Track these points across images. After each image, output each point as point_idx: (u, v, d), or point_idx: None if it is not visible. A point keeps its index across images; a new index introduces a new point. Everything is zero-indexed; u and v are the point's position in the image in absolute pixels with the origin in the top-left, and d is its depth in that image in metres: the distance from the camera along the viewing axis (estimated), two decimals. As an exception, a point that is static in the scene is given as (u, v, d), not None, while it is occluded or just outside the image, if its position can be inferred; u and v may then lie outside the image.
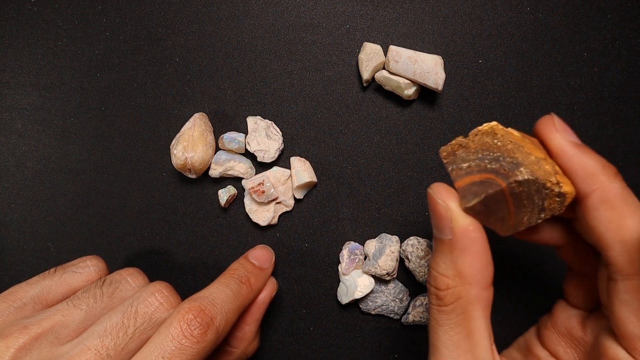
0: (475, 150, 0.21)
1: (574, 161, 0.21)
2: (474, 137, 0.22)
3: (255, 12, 0.34)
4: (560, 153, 0.21)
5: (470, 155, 0.21)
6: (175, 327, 0.23)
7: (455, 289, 0.21)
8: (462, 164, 0.21)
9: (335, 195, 0.34)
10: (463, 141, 0.22)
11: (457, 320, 0.21)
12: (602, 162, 0.21)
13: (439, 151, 0.22)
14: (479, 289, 0.21)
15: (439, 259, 0.21)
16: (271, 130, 0.33)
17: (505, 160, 0.20)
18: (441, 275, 0.21)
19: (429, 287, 0.22)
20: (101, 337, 0.23)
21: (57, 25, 0.35)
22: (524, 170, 0.20)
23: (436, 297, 0.21)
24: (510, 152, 0.20)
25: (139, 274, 0.27)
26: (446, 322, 0.21)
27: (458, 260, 0.21)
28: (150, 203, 0.35)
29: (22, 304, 0.25)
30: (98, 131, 0.35)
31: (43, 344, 0.23)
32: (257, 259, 0.30)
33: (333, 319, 0.34)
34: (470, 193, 0.21)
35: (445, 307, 0.21)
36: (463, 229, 0.21)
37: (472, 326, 0.21)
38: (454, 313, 0.21)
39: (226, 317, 0.25)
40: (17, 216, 0.35)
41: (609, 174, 0.20)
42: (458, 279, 0.21)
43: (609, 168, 0.21)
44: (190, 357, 0.23)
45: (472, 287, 0.21)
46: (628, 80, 0.33)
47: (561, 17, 0.33)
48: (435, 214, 0.22)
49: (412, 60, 0.31)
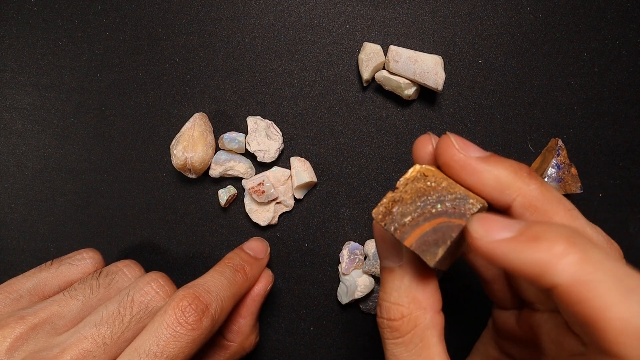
0: (412, 201, 0.20)
1: (485, 176, 0.19)
2: (404, 187, 0.20)
3: (255, 12, 0.34)
4: (470, 172, 0.20)
5: (408, 207, 0.20)
6: (170, 314, 0.23)
7: (411, 316, 0.20)
8: (403, 220, 0.20)
9: (335, 195, 0.34)
10: (395, 195, 0.20)
11: (416, 350, 0.20)
12: (513, 168, 0.20)
13: (373, 215, 0.21)
14: (433, 313, 0.20)
15: (390, 289, 0.21)
16: (271, 130, 0.33)
17: (448, 198, 0.19)
18: (394, 305, 0.20)
19: (381, 321, 0.21)
20: (97, 326, 0.23)
21: (57, 25, 0.35)
22: (475, 202, 0.19)
23: (391, 329, 0.21)
24: (448, 190, 0.20)
25: (135, 265, 0.27)
26: (405, 356, 0.20)
27: (411, 285, 0.20)
28: (150, 203, 0.35)
29: (18, 295, 0.25)
30: (98, 131, 0.35)
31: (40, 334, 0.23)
32: (252, 250, 0.31)
33: (333, 319, 0.34)
34: (429, 245, 0.19)
35: (402, 338, 0.20)
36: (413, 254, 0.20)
37: (432, 353, 0.20)
38: (412, 343, 0.20)
39: (221, 304, 0.25)
40: (17, 216, 0.35)
41: (523, 178, 0.19)
42: (413, 305, 0.20)
43: (522, 171, 0.20)
44: (185, 344, 0.23)
45: (427, 312, 0.20)
46: (628, 80, 0.33)
47: (561, 17, 0.33)
48: (383, 242, 0.21)
49: (412, 60, 0.31)
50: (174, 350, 0.22)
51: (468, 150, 0.20)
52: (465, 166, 0.20)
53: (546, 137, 0.33)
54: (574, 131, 0.33)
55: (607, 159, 0.33)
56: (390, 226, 0.20)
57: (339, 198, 0.34)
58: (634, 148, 0.33)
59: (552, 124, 0.33)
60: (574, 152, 0.33)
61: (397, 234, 0.20)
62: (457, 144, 0.20)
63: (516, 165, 0.20)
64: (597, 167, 0.33)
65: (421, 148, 0.21)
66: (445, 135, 0.20)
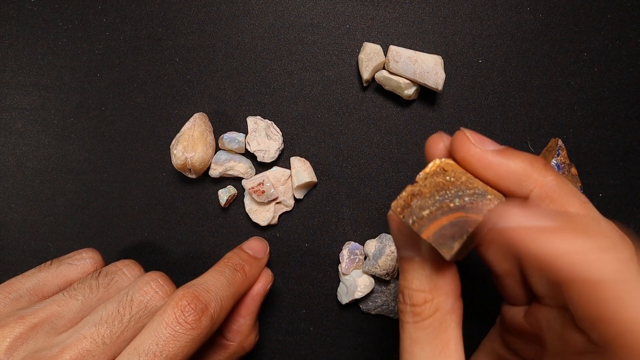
0: (431, 194, 0.20)
1: (502, 169, 0.20)
2: (423, 181, 0.21)
3: (255, 12, 0.34)
4: (487, 165, 0.20)
5: (427, 201, 0.20)
6: (169, 314, 0.23)
7: (434, 301, 0.21)
8: (421, 213, 0.20)
9: (335, 195, 0.34)
10: (414, 189, 0.21)
11: (435, 333, 0.21)
12: (529, 160, 0.20)
13: (392, 208, 0.21)
14: (454, 298, 0.21)
15: (411, 277, 0.21)
16: (271, 130, 0.33)
17: (467, 193, 0.20)
18: (417, 292, 0.21)
19: (404, 307, 0.22)
20: (97, 326, 0.23)
21: (57, 25, 0.35)
22: (492, 197, 0.19)
23: (413, 314, 0.21)
24: (467, 184, 0.20)
25: (135, 265, 0.27)
26: (423, 338, 0.21)
27: (432, 273, 0.21)
28: (150, 203, 0.35)
29: (18, 295, 0.25)
30: (98, 131, 0.35)
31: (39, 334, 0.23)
32: (252, 249, 0.31)
33: (333, 319, 0.34)
34: (446, 238, 0.19)
35: (423, 322, 0.21)
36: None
37: (449, 337, 0.21)
38: (432, 327, 0.21)
39: (221, 303, 0.25)
40: (17, 216, 0.35)
41: (540, 169, 0.20)
42: (435, 292, 0.21)
43: (538, 163, 0.20)
44: (185, 343, 0.23)
45: (449, 297, 0.21)
46: (628, 80, 0.33)
47: (561, 17, 0.33)
48: (400, 234, 0.22)
49: (412, 60, 0.31)
50: (174, 350, 0.22)
51: (484, 144, 0.20)
52: (482, 160, 0.20)
53: (546, 137, 0.33)
54: (574, 131, 0.33)
55: (607, 159, 0.33)
56: (409, 219, 0.20)
57: (339, 198, 0.34)
58: (634, 148, 0.33)
59: (552, 124, 0.33)
60: (574, 152, 0.33)
61: (414, 226, 0.20)
62: (472, 138, 0.20)
63: (532, 157, 0.20)
64: (597, 167, 0.33)
65: (434, 146, 0.22)
66: (460, 130, 0.21)
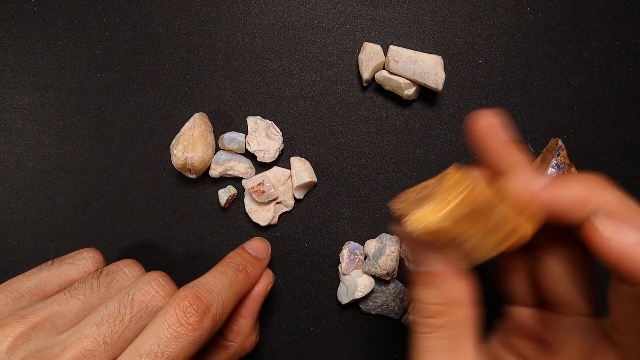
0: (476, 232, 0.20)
1: (561, 205, 0.19)
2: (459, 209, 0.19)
3: (255, 12, 0.34)
4: (542, 205, 0.20)
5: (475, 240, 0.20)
6: (171, 314, 0.23)
7: (446, 312, 0.20)
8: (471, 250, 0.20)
9: (335, 195, 0.34)
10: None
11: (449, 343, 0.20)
12: (584, 183, 0.19)
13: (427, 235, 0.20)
14: (470, 307, 0.21)
15: (425, 291, 0.21)
16: (271, 130, 0.33)
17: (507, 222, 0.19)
18: (431, 305, 0.21)
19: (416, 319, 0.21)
20: (98, 325, 0.23)
21: (57, 25, 0.35)
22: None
23: (427, 325, 0.21)
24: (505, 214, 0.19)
25: (136, 265, 0.27)
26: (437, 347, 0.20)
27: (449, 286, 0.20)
28: (150, 203, 0.35)
29: (19, 295, 0.25)
30: (98, 131, 0.35)
31: (40, 333, 0.23)
32: (254, 250, 0.30)
33: (333, 319, 0.34)
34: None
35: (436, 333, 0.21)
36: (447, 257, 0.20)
37: (462, 345, 0.20)
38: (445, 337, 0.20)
39: (223, 304, 0.25)
40: (17, 216, 0.35)
41: (598, 191, 0.19)
42: (449, 303, 0.20)
43: (593, 183, 0.19)
44: (186, 344, 0.23)
45: (462, 307, 0.20)
46: (628, 80, 0.33)
47: (561, 17, 0.33)
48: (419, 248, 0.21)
49: (412, 60, 0.31)
50: (175, 351, 0.22)
51: (532, 183, 0.20)
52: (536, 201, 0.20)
53: (546, 137, 0.33)
54: (574, 131, 0.33)
55: (607, 159, 0.33)
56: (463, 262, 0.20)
57: (339, 198, 0.34)
58: (634, 148, 0.33)
59: (552, 124, 0.33)
60: (574, 152, 0.33)
61: (466, 264, 0.20)
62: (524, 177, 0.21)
63: (584, 178, 0.20)
64: (597, 167, 0.33)
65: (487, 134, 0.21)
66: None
